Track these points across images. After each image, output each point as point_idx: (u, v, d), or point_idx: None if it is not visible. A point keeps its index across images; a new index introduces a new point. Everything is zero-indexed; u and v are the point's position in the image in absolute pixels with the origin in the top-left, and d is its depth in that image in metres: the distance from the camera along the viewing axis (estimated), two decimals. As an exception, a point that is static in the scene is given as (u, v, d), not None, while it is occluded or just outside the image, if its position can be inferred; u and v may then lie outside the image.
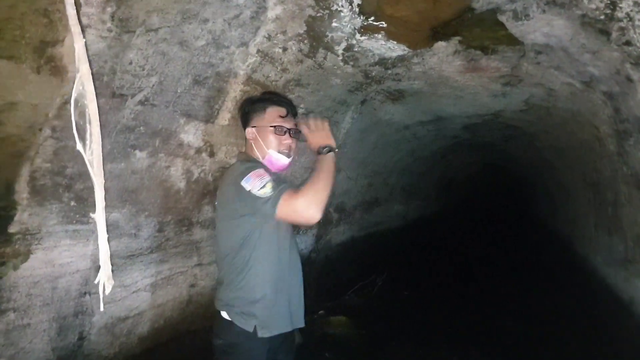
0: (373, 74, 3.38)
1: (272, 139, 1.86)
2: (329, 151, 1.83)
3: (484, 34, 2.80)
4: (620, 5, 1.85)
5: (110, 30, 1.76)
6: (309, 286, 1.66)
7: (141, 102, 2.15)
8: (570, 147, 4.92)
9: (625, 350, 3.49)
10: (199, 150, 2.68)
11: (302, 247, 4.57)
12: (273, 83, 2.84)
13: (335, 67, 3.07)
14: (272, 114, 1.89)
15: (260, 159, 1.88)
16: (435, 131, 6.01)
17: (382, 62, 3.17)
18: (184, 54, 2.17)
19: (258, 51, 2.52)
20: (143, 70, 2.04)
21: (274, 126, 1.86)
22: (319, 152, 1.83)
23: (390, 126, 5.19)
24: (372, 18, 2.57)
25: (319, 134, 1.91)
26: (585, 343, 3.87)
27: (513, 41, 2.81)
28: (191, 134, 2.57)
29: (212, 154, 2.78)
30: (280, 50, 2.64)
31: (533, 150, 6.91)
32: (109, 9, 1.70)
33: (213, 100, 2.55)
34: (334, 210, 5.17)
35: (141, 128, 2.24)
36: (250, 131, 1.92)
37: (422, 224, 9.55)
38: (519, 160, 8.75)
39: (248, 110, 1.94)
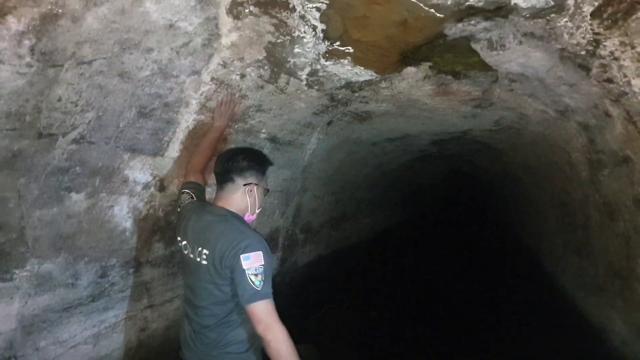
0: (339, 97, 3.19)
1: (262, 198, 1.97)
2: None
3: (456, 59, 2.65)
4: (604, 43, 1.72)
5: (30, 66, 1.49)
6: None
7: (75, 141, 1.88)
8: (539, 166, 4.87)
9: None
10: (146, 186, 2.42)
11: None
12: (231, 110, 2.60)
13: (299, 91, 2.86)
14: (267, 176, 2.02)
15: (248, 212, 1.93)
16: (403, 147, 5.88)
17: (349, 85, 2.98)
18: (125, 85, 1.92)
19: (212, 79, 2.29)
20: (76, 106, 1.78)
21: (268, 189, 2.02)
22: None
23: (357, 144, 5.02)
24: (338, 43, 2.39)
25: None
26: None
27: (486, 67, 2.68)
28: (137, 170, 2.30)
29: (162, 188, 2.52)
30: (238, 77, 2.41)
31: (500, 164, 6.89)
32: (26, 42, 1.43)
33: (162, 132, 2.30)
34: (300, 232, 4.96)
35: (77, 168, 1.97)
36: (250, 187, 1.90)
37: (390, 234, 9.46)
38: (486, 170, 8.75)
39: (250, 164, 1.92)
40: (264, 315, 1.63)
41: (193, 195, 2.09)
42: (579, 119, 2.65)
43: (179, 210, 2.10)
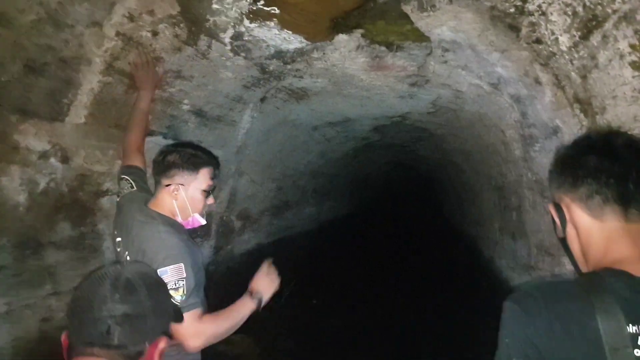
0: (271, 68, 3.00)
1: (199, 200, 1.77)
2: (259, 303, 1.78)
3: (388, 27, 2.54)
4: (532, -5, 1.63)
5: None
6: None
7: (-60, 93, 1.60)
8: (476, 151, 4.90)
9: None
10: (44, 155, 2.13)
11: (197, 261, 4.09)
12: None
13: (224, 58, 2.66)
14: (205, 175, 1.77)
15: (178, 217, 1.76)
16: (345, 133, 5.79)
17: (280, 55, 2.81)
18: (4, 31, 1.65)
19: (118, 34, 2.04)
20: (-64, 49, 1.50)
21: (207, 190, 1.78)
22: (251, 293, 1.78)
23: (297, 127, 4.86)
24: (262, 2, 2.20)
25: (265, 279, 1.84)
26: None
27: (420, 37, 2.58)
28: (31, 135, 2.02)
29: (65, 160, 2.24)
30: (149, 34, 2.17)
31: (441, 152, 6.95)
32: None
33: (59, 93, 2.03)
34: (237, 218, 4.74)
35: (-55, 128, 1.68)
36: (174, 188, 1.72)
37: (335, 226, 9.40)
38: (428, 160, 8.85)
39: (174, 162, 1.73)
40: (186, 326, 1.53)
41: (133, 183, 1.91)
42: (511, 91, 2.61)
43: (117, 200, 1.95)
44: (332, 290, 5.97)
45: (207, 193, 1.79)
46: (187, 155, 1.74)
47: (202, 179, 1.76)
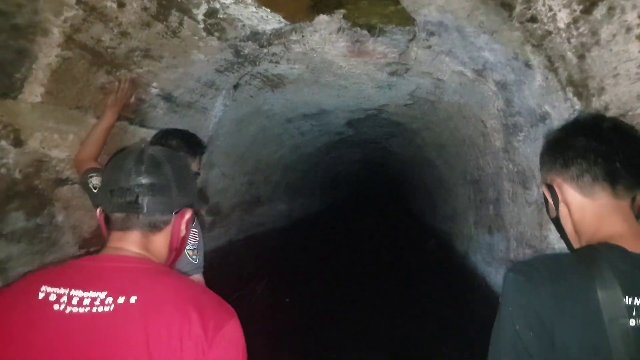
0: (246, 51, 2.84)
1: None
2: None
3: (371, 8, 2.42)
4: (531, -34, 1.54)
5: None
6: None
7: None
8: (452, 144, 4.85)
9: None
10: (-6, 137, 1.92)
11: (166, 257, 3.88)
12: (109, 50, 2.16)
13: (197, 37, 2.48)
14: (198, 160, 2.02)
15: None
16: (319, 127, 5.66)
17: (256, 36, 2.65)
18: (-56, -12, 1.44)
19: (79, 2, 1.84)
20: None
21: (198, 172, 2.00)
22: None
23: (271, 118, 4.70)
24: (239, -25, 2.05)
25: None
26: (470, 347, 3.74)
27: (404, 20, 2.47)
28: (-23, 113, 1.81)
29: (18, 142, 2.03)
30: (115, 5, 1.97)
31: (414, 148, 6.90)
32: None
33: (11, 66, 1.82)
34: (207, 213, 4.54)
35: None
36: None
37: (307, 223, 9.27)
38: (400, 157, 8.82)
39: (180, 146, 1.93)
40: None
41: None
42: (497, 77, 2.53)
43: (96, 191, 1.97)
44: (304, 288, 5.82)
45: (197, 174, 1.97)
46: (191, 142, 1.99)
47: (197, 162, 2.00)
